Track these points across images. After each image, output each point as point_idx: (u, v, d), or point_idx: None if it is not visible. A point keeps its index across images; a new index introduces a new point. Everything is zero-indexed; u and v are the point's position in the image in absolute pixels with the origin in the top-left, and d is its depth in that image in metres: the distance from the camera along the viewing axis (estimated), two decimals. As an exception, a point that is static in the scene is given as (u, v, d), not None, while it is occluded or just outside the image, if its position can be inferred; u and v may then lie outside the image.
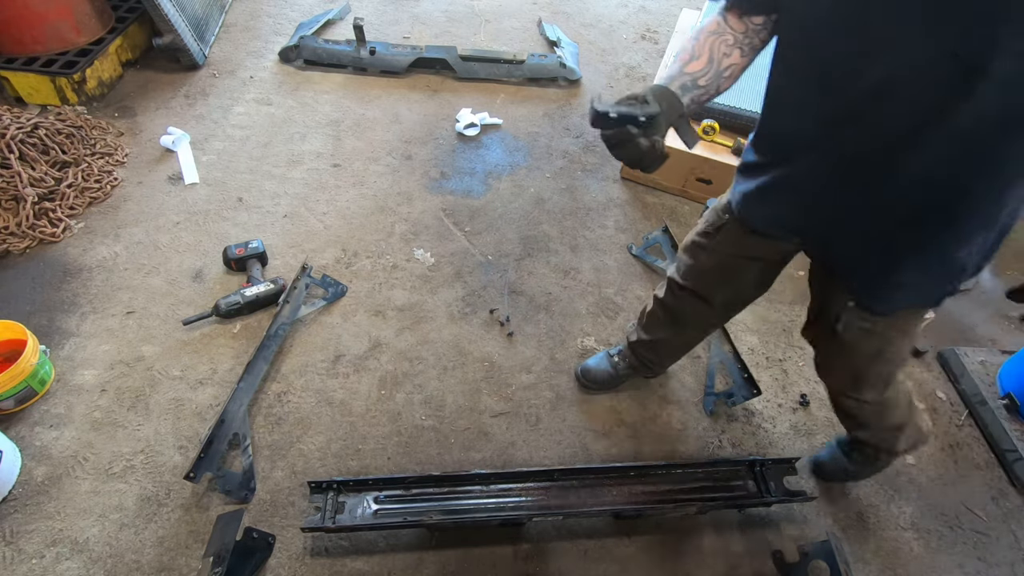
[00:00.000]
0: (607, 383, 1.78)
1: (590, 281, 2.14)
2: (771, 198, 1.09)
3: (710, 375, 1.85)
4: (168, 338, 1.84)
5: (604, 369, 1.77)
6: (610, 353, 1.78)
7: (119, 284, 1.96)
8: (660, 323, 1.55)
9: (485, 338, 1.92)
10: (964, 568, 1.54)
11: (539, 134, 2.73)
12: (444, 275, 2.11)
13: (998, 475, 1.73)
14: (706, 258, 1.32)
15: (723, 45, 0.97)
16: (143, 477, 1.54)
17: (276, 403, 1.71)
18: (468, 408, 1.75)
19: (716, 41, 0.97)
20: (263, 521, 1.48)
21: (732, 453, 1.71)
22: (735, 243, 1.23)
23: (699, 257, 1.34)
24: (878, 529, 1.59)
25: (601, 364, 1.78)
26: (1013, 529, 1.62)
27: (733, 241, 1.23)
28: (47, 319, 1.84)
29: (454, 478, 1.49)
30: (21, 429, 1.60)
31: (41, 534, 1.43)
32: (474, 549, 1.47)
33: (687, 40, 1.01)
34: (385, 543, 1.47)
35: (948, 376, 1.97)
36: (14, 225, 2.00)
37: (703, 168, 2.36)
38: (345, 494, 1.43)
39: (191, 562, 1.40)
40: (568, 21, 3.50)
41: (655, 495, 1.50)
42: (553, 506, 1.46)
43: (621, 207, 2.44)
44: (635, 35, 3.48)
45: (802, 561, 1.43)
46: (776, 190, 1.07)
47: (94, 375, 1.73)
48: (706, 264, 1.33)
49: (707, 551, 1.51)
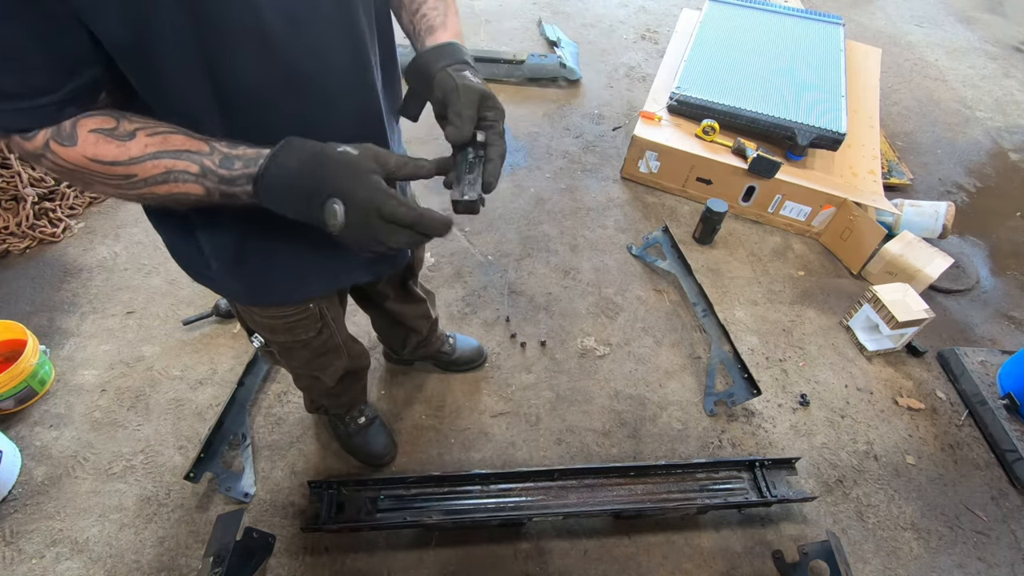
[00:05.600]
0: None
1: (590, 281, 2.14)
2: None
3: (710, 375, 1.85)
4: (168, 338, 1.83)
5: None
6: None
7: (119, 284, 1.96)
8: None
9: (485, 338, 1.92)
10: (964, 568, 1.54)
11: (539, 134, 2.73)
12: (444, 275, 2.11)
13: (998, 475, 1.73)
14: None
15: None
16: (143, 477, 1.54)
17: (276, 403, 1.71)
18: (468, 408, 1.75)
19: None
20: (263, 521, 1.48)
21: (732, 453, 1.71)
22: None
23: None
24: (878, 529, 1.59)
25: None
26: (1013, 529, 1.62)
27: None
28: (47, 319, 1.84)
29: (454, 478, 1.48)
30: (21, 429, 1.60)
31: (41, 534, 1.43)
32: (474, 549, 1.47)
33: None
34: (385, 543, 1.47)
35: (948, 376, 1.97)
36: (14, 225, 2.00)
37: (703, 168, 2.36)
38: (345, 494, 1.43)
39: (191, 562, 1.40)
40: (568, 21, 3.50)
41: (655, 495, 1.50)
42: (553, 506, 1.46)
43: (621, 207, 2.44)
44: (635, 35, 3.48)
45: (802, 561, 1.43)
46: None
47: (94, 375, 1.73)
48: None
49: (707, 551, 1.51)
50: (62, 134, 0.61)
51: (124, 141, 0.62)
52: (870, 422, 1.81)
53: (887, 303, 1.88)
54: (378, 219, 0.64)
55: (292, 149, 0.65)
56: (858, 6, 4.17)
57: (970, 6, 4.37)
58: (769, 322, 2.07)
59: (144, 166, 0.63)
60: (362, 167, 0.65)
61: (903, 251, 2.13)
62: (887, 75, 3.33)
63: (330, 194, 0.63)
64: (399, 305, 1.39)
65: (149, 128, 0.64)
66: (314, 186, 0.63)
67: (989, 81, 3.54)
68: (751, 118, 2.32)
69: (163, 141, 0.64)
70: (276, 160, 0.65)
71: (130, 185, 0.64)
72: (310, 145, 0.65)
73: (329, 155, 0.64)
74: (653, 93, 2.61)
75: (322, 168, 0.64)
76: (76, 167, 0.62)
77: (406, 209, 0.64)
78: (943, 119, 3.17)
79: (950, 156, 2.93)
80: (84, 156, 0.62)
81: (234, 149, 0.66)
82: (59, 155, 0.61)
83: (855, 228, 2.20)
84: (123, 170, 0.63)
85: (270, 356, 1.19)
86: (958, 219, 2.47)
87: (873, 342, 1.99)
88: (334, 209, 0.62)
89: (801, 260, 2.30)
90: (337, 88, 0.75)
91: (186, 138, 0.65)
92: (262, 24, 0.64)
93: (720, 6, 2.95)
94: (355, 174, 0.64)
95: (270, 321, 1.03)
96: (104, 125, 0.62)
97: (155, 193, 0.66)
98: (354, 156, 0.65)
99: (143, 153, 0.63)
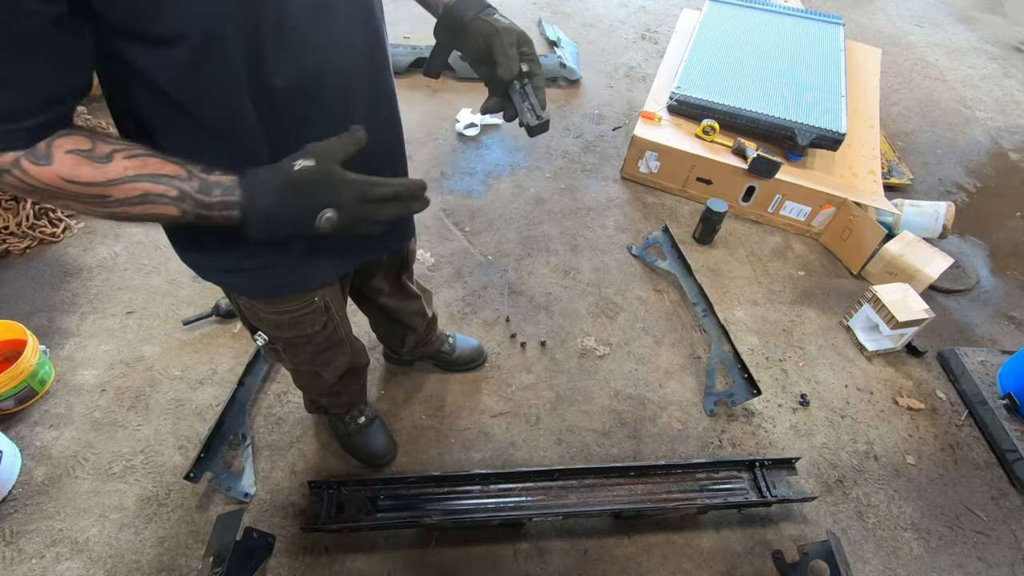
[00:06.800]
0: None
1: (590, 281, 2.14)
2: None
3: (710, 375, 1.85)
4: (168, 338, 1.83)
5: None
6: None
7: (119, 284, 1.96)
8: None
9: (485, 338, 1.92)
10: (964, 568, 1.54)
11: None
12: (444, 275, 2.11)
13: (998, 475, 1.73)
14: None
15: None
16: (143, 477, 1.54)
17: (276, 403, 1.71)
18: (468, 408, 1.75)
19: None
20: (263, 521, 1.48)
21: (732, 453, 1.71)
22: None
23: None
24: (878, 529, 1.59)
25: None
26: (1013, 529, 1.62)
27: None
28: (47, 319, 1.84)
29: (454, 478, 1.48)
30: (21, 429, 1.60)
31: (41, 534, 1.43)
32: (474, 549, 1.47)
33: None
34: (385, 543, 1.47)
35: (948, 376, 1.97)
36: (14, 225, 2.00)
37: (703, 168, 2.36)
38: (345, 494, 1.43)
39: (191, 562, 1.40)
40: (568, 21, 3.50)
41: (655, 495, 1.50)
42: (553, 506, 1.46)
43: (621, 207, 2.44)
44: (635, 35, 3.48)
45: (802, 561, 1.43)
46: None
47: (94, 375, 1.73)
48: None
49: (707, 551, 1.51)
50: (37, 154, 0.60)
51: (102, 163, 0.63)
52: (870, 422, 1.81)
53: (887, 303, 1.88)
54: (365, 205, 0.71)
55: (259, 184, 0.68)
56: (858, 6, 4.17)
57: (970, 6, 4.37)
58: (769, 322, 2.07)
59: (122, 188, 0.64)
60: (332, 173, 0.70)
61: (903, 251, 2.13)
62: (887, 75, 3.33)
63: (321, 209, 0.69)
64: (394, 301, 1.40)
65: (126, 151, 0.64)
66: (302, 210, 0.69)
67: (989, 81, 3.54)
68: (751, 118, 2.32)
69: (142, 164, 0.64)
70: (252, 203, 0.68)
71: (101, 204, 0.65)
72: (273, 174, 0.69)
73: (298, 178, 0.68)
74: (653, 93, 2.61)
75: (300, 194, 0.69)
76: (45, 186, 0.62)
77: (383, 187, 0.72)
78: (943, 119, 3.17)
79: (950, 156, 2.93)
80: (59, 176, 0.61)
81: (210, 175, 0.68)
82: (29, 173, 0.61)
83: (855, 228, 2.20)
84: (98, 191, 0.63)
85: (273, 354, 1.19)
86: (958, 219, 2.47)
87: (873, 342, 1.99)
88: (328, 217, 0.70)
89: (801, 260, 2.30)
90: (357, 75, 0.79)
91: (163, 162, 0.66)
92: (286, 16, 0.66)
93: (720, 6, 2.95)
94: (331, 182, 0.69)
95: (275, 317, 1.03)
96: (80, 147, 0.62)
97: (127, 213, 0.66)
98: (317, 168, 0.69)
99: (122, 176, 0.63)
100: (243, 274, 0.92)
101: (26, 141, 0.60)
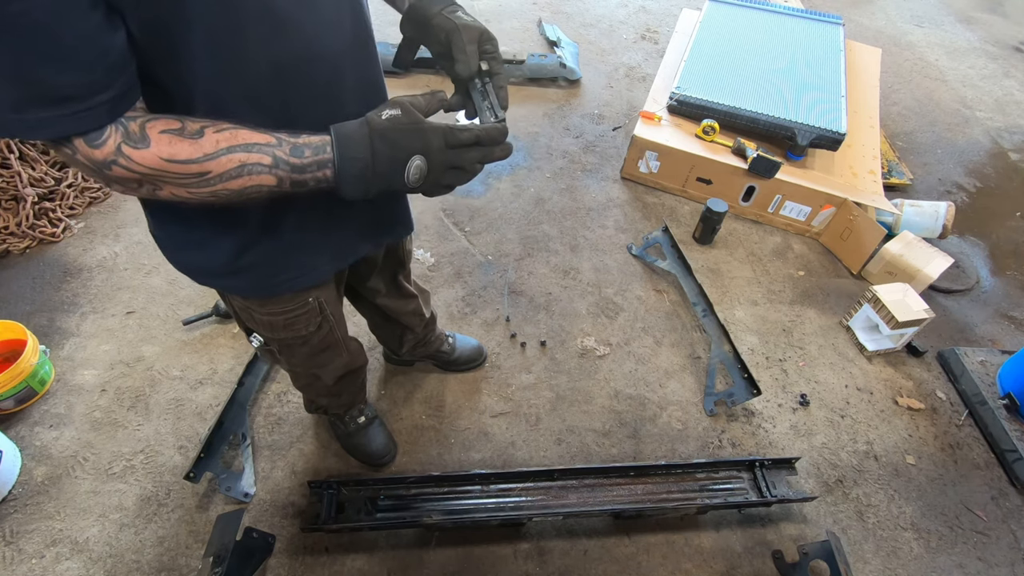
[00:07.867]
0: None
1: (590, 281, 2.14)
2: None
3: (710, 375, 1.85)
4: (168, 338, 1.83)
5: None
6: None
7: (119, 284, 1.96)
8: None
9: (485, 338, 1.92)
10: (964, 568, 1.54)
11: (539, 134, 2.73)
12: (444, 275, 2.11)
13: (998, 475, 1.73)
14: None
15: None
16: (143, 477, 1.54)
17: (276, 403, 1.71)
18: (468, 408, 1.75)
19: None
20: (263, 521, 1.48)
21: (732, 453, 1.71)
22: None
23: None
24: (878, 529, 1.59)
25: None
26: (1013, 529, 1.62)
27: None
28: (47, 319, 1.84)
29: (454, 478, 1.49)
30: (21, 429, 1.60)
31: (41, 534, 1.43)
32: (474, 549, 1.47)
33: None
34: (385, 543, 1.47)
35: (948, 376, 1.97)
36: (14, 225, 2.00)
37: (703, 168, 2.36)
38: (345, 494, 1.43)
39: (191, 562, 1.40)
40: (568, 21, 3.50)
41: (655, 495, 1.50)
42: (553, 506, 1.46)
43: (621, 207, 2.44)
44: (635, 35, 3.48)
45: (802, 561, 1.43)
46: None
47: (94, 375, 1.73)
48: None
49: (707, 551, 1.51)
50: (133, 137, 0.61)
51: (195, 139, 0.63)
52: (870, 422, 1.81)
53: (887, 303, 1.88)
54: (451, 151, 0.72)
55: (350, 139, 0.69)
56: (858, 6, 4.17)
57: (970, 6, 4.37)
58: (769, 322, 2.07)
59: (219, 161, 0.64)
60: (418, 120, 0.71)
61: (903, 251, 2.13)
62: (887, 75, 3.33)
63: (410, 158, 0.69)
64: (391, 301, 1.39)
65: (213, 125, 0.65)
66: (392, 161, 0.69)
67: (989, 81, 3.54)
68: (751, 118, 2.32)
69: (232, 136, 0.65)
70: (345, 155, 0.68)
71: (204, 183, 0.65)
72: (361, 125, 0.69)
73: (387, 126, 0.69)
74: (653, 93, 2.61)
75: (389, 143, 0.69)
76: (150, 170, 0.62)
77: (466, 132, 0.72)
78: (943, 119, 3.17)
79: (950, 156, 2.93)
80: (159, 157, 0.62)
81: (298, 138, 0.68)
82: (133, 159, 0.61)
83: (855, 228, 2.20)
84: (198, 168, 0.64)
85: (270, 355, 1.19)
86: (958, 219, 2.47)
87: (873, 342, 1.99)
88: (418, 165, 0.70)
89: (801, 260, 2.30)
90: (346, 61, 0.79)
91: (252, 131, 0.67)
92: (274, 4, 0.66)
93: (720, 6, 2.95)
94: (417, 131, 0.70)
95: (269, 318, 1.03)
96: (171, 126, 0.63)
97: (228, 189, 0.67)
98: (403, 116, 0.70)
99: (216, 149, 0.64)
100: (235, 275, 0.91)
101: (111, 115, 0.60)
